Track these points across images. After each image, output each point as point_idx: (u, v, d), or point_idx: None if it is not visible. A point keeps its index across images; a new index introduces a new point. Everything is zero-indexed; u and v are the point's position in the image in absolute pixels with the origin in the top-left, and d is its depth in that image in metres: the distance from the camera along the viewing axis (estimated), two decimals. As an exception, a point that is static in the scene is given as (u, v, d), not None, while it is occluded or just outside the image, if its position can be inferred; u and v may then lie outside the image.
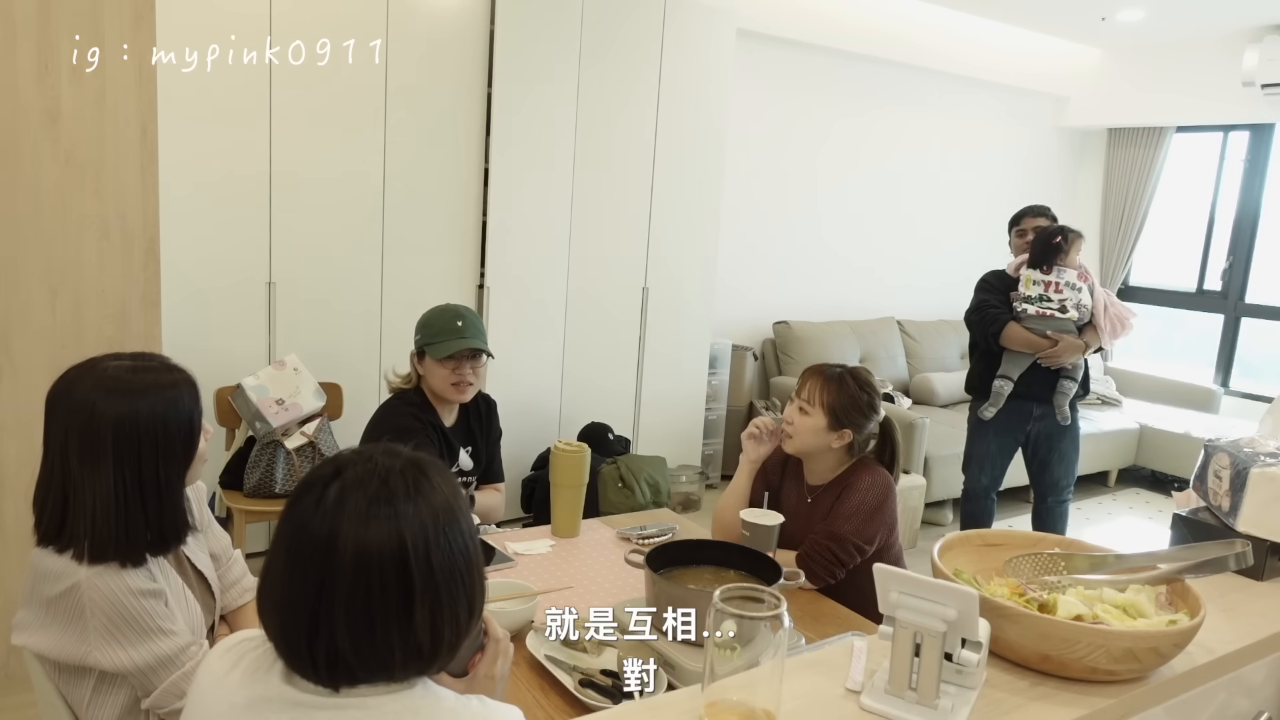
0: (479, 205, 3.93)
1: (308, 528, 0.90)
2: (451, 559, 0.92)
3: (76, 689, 1.41)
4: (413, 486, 0.93)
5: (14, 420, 2.55)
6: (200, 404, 1.44)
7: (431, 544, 0.91)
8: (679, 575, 1.76)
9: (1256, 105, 5.47)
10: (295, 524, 0.92)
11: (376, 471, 0.93)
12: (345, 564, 0.88)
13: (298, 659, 0.92)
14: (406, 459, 0.96)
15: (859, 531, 2.01)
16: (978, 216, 6.30)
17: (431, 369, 2.34)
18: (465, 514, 0.96)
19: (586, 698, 1.49)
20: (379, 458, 0.95)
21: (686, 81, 4.34)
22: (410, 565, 0.89)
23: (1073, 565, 1.29)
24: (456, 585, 0.93)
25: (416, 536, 0.90)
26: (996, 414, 3.56)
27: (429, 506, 0.92)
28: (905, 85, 5.70)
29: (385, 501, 0.90)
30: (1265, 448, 1.47)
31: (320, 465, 0.96)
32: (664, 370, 4.58)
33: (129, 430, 1.33)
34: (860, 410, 2.10)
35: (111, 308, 2.64)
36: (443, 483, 0.96)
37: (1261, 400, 5.85)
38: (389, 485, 0.92)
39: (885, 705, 1.02)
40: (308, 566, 0.89)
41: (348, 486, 0.91)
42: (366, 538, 0.88)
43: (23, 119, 2.44)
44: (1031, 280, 3.48)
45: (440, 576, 0.91)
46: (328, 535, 0.89)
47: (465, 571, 0.94)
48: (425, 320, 2.38)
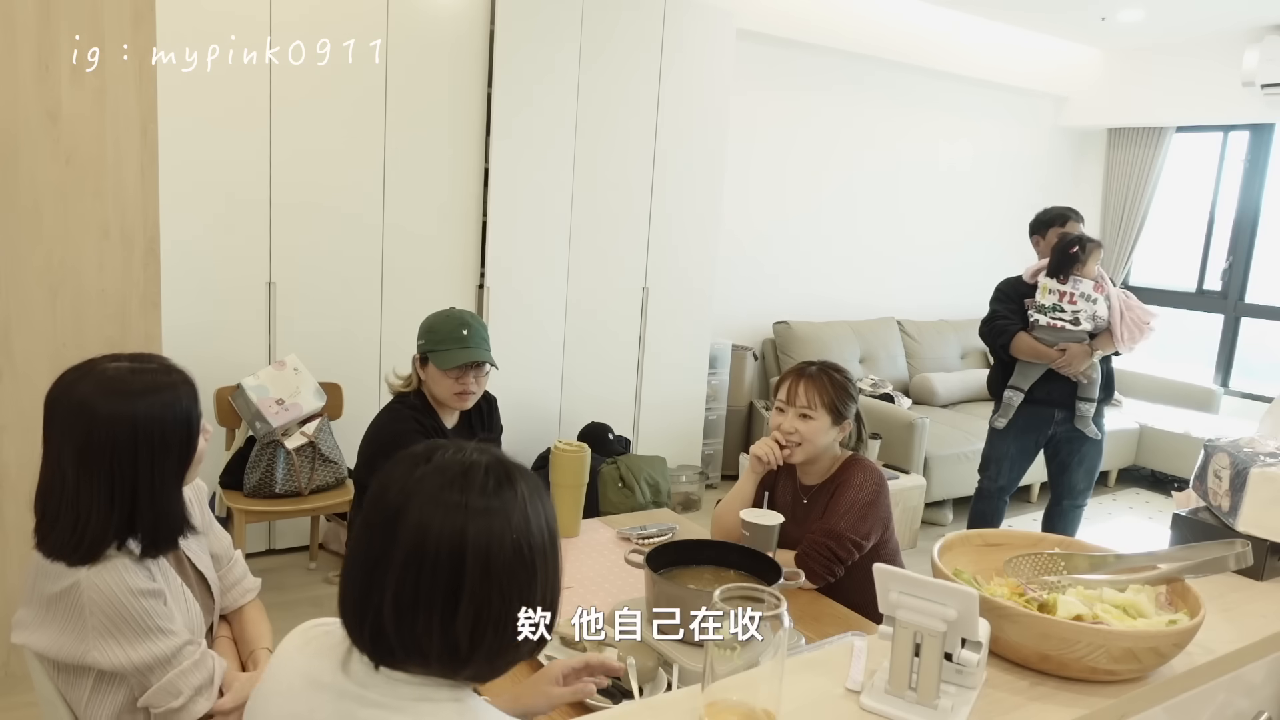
0: (479, 205, 3.93)
1: (384, 496, 0.92)
2: (513, 569, 0.91)
3: (75, 688, 1.41)
4: (493, 487, 0.92)
5: (14, 420, 2.55)
6: (199, 405, 1.44)
7: (495, 547, 0.90)
8: (679, 575, 1.76)
9: (1256, 105, 5.47)
10: (377, 490, 0.93)
11: (462, 461, 0.93)
12: (404, 540, 0.89)
13: (350, 622, 0.93)
14: (495, 458, 0.96)
15: (855, 528, 2.02)
16: (978, 216, 6.31)
17: (435, 376, 2.33)
18: (543, 528, 0.95)
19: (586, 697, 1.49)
20: (470, 451, 0.95)
21: (686, 81, 4.34)
22: (465, 560, 0.88)
23: (1073, 565, 1.29)
24: (512, 595, 0.91)
25: (480, 535, 0.89)
26: (1019, 417, 3.56)
27: (503, 510, 0.91)
28: (905, 85, 5.70)
29: (459, 491, 0.91)
30: (1265, 448, 1.47)
31: (420, 446, 0.97)
32: (664, 370, 4.58)
33: (126, 432, 1.33)
34: (850, 396, 2.15)
35: (111, 308, 2.64)
36: (528, 491, 0.94)
37: (1261, 400, 5.85)
38: (468, 478, 0.92)
39: (885, 705, 1.02)
40: (374, 533, 0.91)
41: (432, 469, 0.92)
42: (428, 521, 0.89)
43: (23, 119, 2.44)
44: (1047, 290, 3.47)
45: (496, 581, 0.90)
46: (397, 508, 0.90)
47: (527, 585, 0.92)
48: (429, 325, 2.36)
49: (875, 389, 5.21)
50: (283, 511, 3.25)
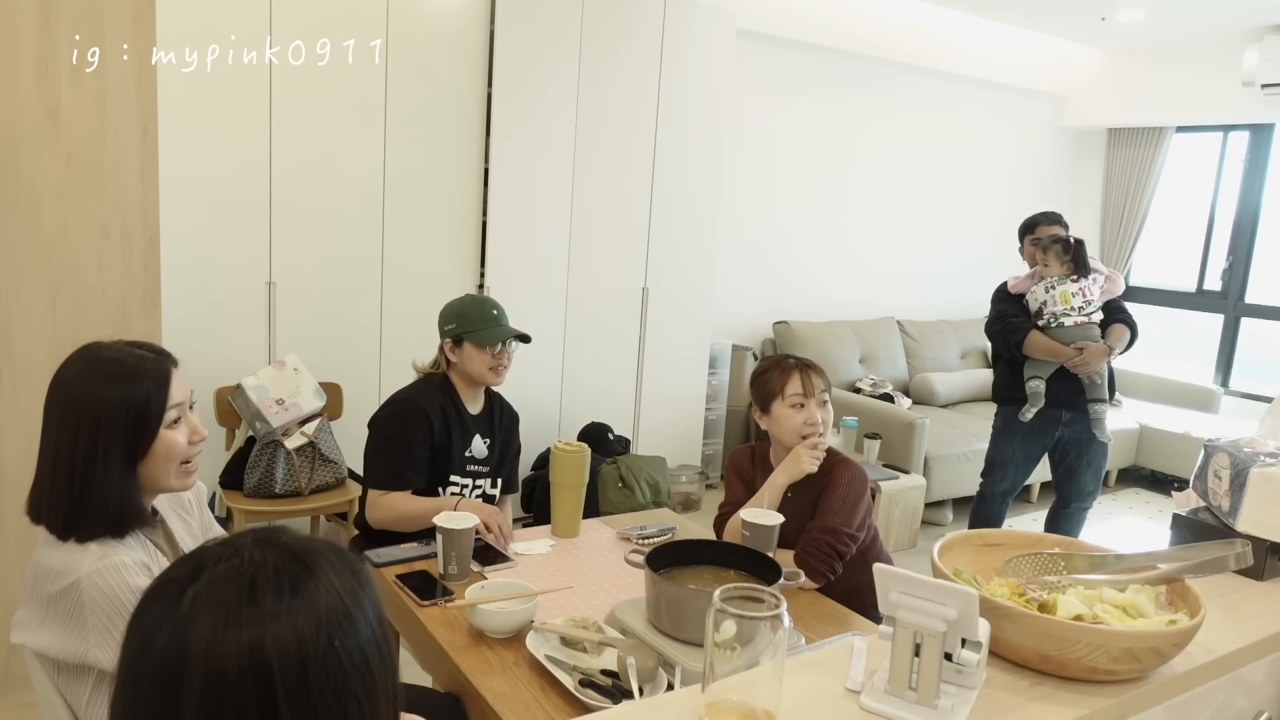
0: (479, 205, 3.93)
1: (152, 644, 0.72)
2: (341, 678, 0.74)
3: (76, 687, 1.41)
4: (289, 586, 0.74)
5: (14, 420, 2.55)
6: (164, 392, 1.43)
7: (310, 660, 0.72)
8: (679, 575, 1.76)
9: (1256, 105, 5.47)
10: (140, 639, 0.73)
11: (242, 569, 0.74)
12: (194, 686, 0.70)
13: None
14: (286, 550, 0.77)
15: (848, 522, 2.08)
16: (978, 216, 6.31)
17: (471, 355, 2.41)
18: (368, 616, 0.77)
19: (586, 698, 1.49)
20: (247, 551, 0.76)
21: (686, 81, 4.34)
22: (275, 686, 0.71)
23: (1073, 565, 1.29)
24: (348, 708, 0.74)
25: (287, 648, 0.71)
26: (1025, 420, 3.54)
27: (309, 611, 0.73)
28: (905, 85, 5.71)
29: (249, 604, 0.72)
30: (1265, 448, 1.47)
31: (176, 563, 0.78)
32: (664, 370, 4.58)
33: (74, 405, 1.37)
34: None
35: (111, 308, 2.64)
36: (336, 579, 0.76)
37: (1261, 400, 5.85)
38: (255, 586, 0.73)
39: (885, 705, 1.02)
40: (153, 692, 0.72)
41: (203, 589, 0.73)
42: (220, 650, 0.70)
43: (23, 119, 2.44)
44: (1069, 294, 3.45)
45: (321, 701, 0.72)
46: (176, 651, 0.71)
47: (362, 694, 0.75)
48: (459, 310, 2.44)
49: (875, 389, 5.21)
50: (283, 512, 3.25)
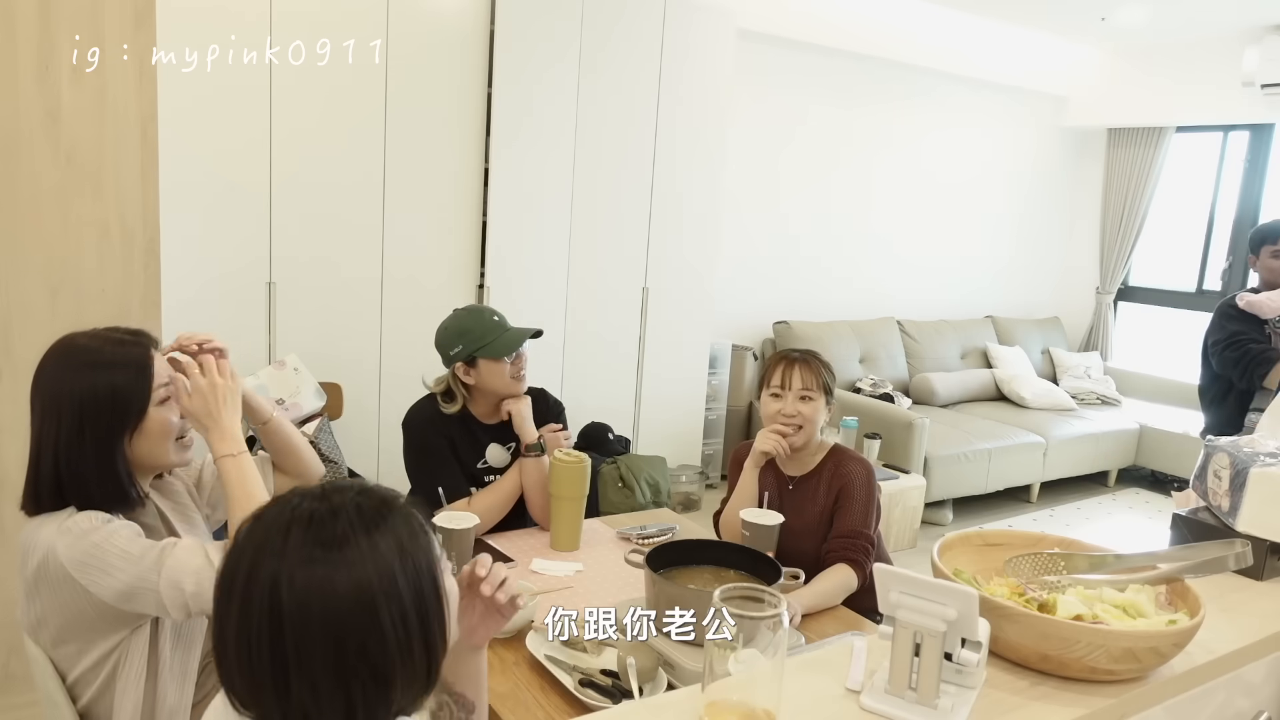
0: (479, 205, 3.92)
1: (275, 587, 0.86)
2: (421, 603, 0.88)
3: (90, 675, 1.40)
4: (353, 533, 0.87)
5: (14, 420, 2.55)
6: (145, 375, 1.44)
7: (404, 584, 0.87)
8: (679, 575, 1.76)
9: (1256, 105, 5.46)
10: (251, 582, 0.87)
11: (323, 511, 0.88)
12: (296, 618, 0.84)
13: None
14: (373, 495, 0.91)
15: (867, 521, 2.11)
16: (978, 216, 6.30)
17: (489, 371, 2.24)
18: (414, 581, 0.88)
19: (586, 698, 1.49)
20: (333, 495, 0.90)
21: (686, 81, 4.34)
22: (282, 617, 0.83)
23: (1073, 565, 1.29)
24: (353, 665, 0.85)
25: (292, 584, 0.84)
26: None
27: (373, 557, 0.86)
28: (905, 85, 5.70)
29: (322, 545, 0.86)
30: (1265, 448, 1.47)
31: (286, 496, 0.92)
32: (664, 370, 4.57)
33: (55, 398, 1.40)
34: (833, 376, 2.23)
35: (111, 308, 2.63)
36: (393, 531, 0.89)
37: (1261, 400, 5.84)
38: (327, 527, 0.86)
39: (885, 705, 1.02)
40: (229, 598, 0.88)
41: (291, 521, 0.87)
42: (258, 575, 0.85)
43: (23, 119, 2.44)
44: None
45: (316, 647, 0.84)
46: (249, 569, 0.86)
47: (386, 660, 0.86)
48: (459, 329, 2.26)
49: (875, 389, 5.21)
50: (283, 511, 3.25)
